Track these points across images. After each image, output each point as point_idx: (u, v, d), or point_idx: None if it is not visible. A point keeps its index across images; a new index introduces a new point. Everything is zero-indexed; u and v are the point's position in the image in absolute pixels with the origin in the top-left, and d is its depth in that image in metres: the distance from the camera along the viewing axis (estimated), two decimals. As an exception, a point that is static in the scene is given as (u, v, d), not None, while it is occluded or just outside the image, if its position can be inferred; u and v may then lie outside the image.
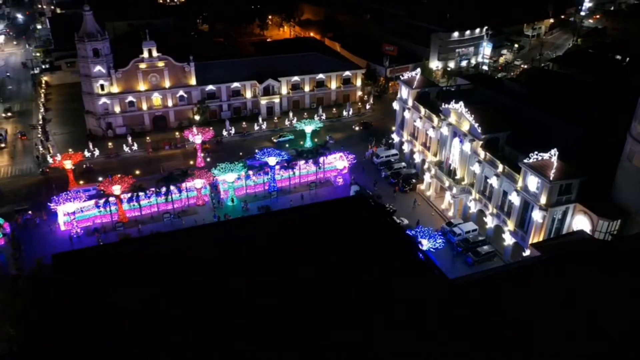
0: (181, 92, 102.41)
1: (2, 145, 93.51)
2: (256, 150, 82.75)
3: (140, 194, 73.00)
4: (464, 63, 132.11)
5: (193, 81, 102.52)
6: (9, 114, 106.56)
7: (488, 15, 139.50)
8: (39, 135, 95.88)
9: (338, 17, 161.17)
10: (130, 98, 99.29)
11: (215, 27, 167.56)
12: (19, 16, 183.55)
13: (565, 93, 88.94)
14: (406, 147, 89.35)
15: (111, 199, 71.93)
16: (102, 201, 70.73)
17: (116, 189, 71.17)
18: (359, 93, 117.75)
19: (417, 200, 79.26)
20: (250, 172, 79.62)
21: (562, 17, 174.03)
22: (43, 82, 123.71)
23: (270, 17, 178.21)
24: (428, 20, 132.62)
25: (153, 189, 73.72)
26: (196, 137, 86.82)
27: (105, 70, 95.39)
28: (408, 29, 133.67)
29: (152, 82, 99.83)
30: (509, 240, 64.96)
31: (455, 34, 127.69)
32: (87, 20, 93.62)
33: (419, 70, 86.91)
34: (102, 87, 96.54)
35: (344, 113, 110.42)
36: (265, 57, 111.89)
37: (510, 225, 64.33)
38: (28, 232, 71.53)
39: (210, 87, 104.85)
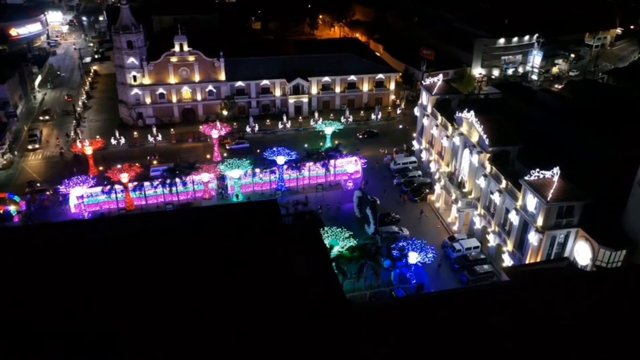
0: (210, 87, 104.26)
1: (37, 145, 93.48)
2: (258, 150, 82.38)
3: (146, 183, 74.94)
4: (510, 71, 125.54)
5: (222, 76, 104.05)
6: (47, 117, 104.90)
7: (543, 22, 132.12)
8: (74, 121, 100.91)
9: (387, 18, 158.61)
10: (160, 90, 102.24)
11: (267, 25, 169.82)
12: (82, 10, 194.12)
13: (610, 108, 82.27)
14: (424, 155, 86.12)
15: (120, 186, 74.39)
16: (107, 187, 73.08)
17: (124, 177, 73.46)
18: (392, 97, 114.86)
19: (424, 210, 76.08)
20: (257, 170, 79.64)
21: (632, 27, 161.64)
22: (92, 71, 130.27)
23: (321, 16, 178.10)
24: (477, 25, 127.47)
25: (160, 180, 75.45)
26: (213, 132, 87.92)
27: (138, 62, 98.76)
28: (453, 33, 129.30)
29: (183, 76, 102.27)
30: (507, 261, 60.74)
31: (501, 41, 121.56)
32: (124, 13, 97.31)
33: (440, 76, 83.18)
34: (134, 78, 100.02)
35: (372, 116, 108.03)
36: (298, 56, 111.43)
37: (510, 245, 60.17)
38: (43, 212, 75.31)
39: (239, 83, 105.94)
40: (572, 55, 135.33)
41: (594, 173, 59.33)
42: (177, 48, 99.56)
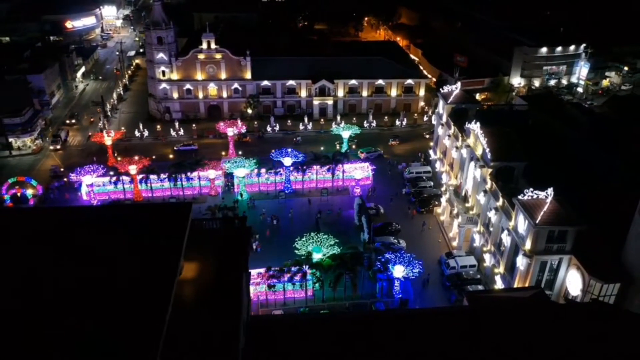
0: (236, 85, 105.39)
1: (58, 147, 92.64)
2: (272, 150, 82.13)
3: (153, 176, 76.72)
4: (552, 82, 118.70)
5: (248, 75, 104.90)
6: (73, 120, 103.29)
7: (599, 31, 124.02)
8: (107, 110, 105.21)
9: (431, 23, 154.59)
10: (187, 86, 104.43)
11: (313, 26, 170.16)
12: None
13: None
14: (438, 166, 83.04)
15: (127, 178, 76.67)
16: (114, 178, 75.47)
17: (132, 169, 75.57)
18: (421, 103, 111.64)
19: (426, 222, 73.26)
20: (263, 170, 79.66)
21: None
22: (134, 64, 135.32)
23: (366, 18, 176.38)
24: (521, 32, 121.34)
25: (167, 174, 77.11)
26: (228, 130, 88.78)
27: (167, 58, 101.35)
28: (494, 40, 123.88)
29: (209, 73, 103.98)
30: (499, 283, 57.29)
31: (544, 49, 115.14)
32: (155, 9, 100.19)
33: (459, 84, 79.81)
34: (163, 73, 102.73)
35: (397, 122, 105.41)
36: (326, 57, 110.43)
37: (502, 267, 56.72)
38: (57, 197, 78.77)
39: (265, 83, 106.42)
40: (626, 68, 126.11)
41: (607, 196, 55.09)
42: (204, 45, 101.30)
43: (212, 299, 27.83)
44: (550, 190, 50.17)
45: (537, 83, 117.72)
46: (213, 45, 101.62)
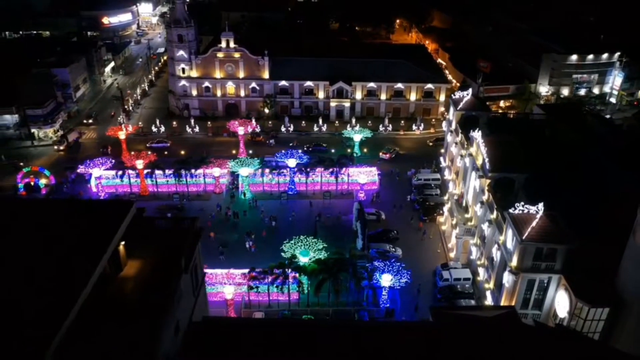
0: (254, 84, 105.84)
1: (61, 147, 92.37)
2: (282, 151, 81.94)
3: (158, 172, 77.95)
4: (581, 91, 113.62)
5: (266, 75, 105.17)
6: (90, 120, 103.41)
7: (633, 39, 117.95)
8: (129, 106, 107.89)
9: (463, 27, 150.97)
10: (206, 84, 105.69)
11: (345, 27, 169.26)
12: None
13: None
14: (447, 174, 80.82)
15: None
16: (120, 172, 77.15)
17: (139, 163, 77.04)
18: (441, 109, 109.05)
19: (427, 231, 71.43)
20: (267, 170, 79.66)
21: None
22: (162, 60, 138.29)
23: (398, 21, 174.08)
24: (552, 38, 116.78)
25: (172, 170, 78.25)
26: (239, 129, 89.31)
27: (187, 55, 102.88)
28: (523, 46, 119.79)
29: (228, 71, 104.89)
30: (490, 299, 55.12)
31: (574, 57, 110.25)
32: (177, 8, 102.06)
33: (470, 90, 77.22)
34: (183, 70, 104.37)
35: (413, 127, 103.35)
36: (346, 59, 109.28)
37: (492, 282, 54.54)
38: (70, 189, 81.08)
39: (283, 83, 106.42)
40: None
41: (612, 213, 52.07)
42: (223, 44, 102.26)
43: (142, 298, 27.78)
44: (540, 205, 47.74)
45: (565, 92, 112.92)
46: (232, 44, 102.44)
